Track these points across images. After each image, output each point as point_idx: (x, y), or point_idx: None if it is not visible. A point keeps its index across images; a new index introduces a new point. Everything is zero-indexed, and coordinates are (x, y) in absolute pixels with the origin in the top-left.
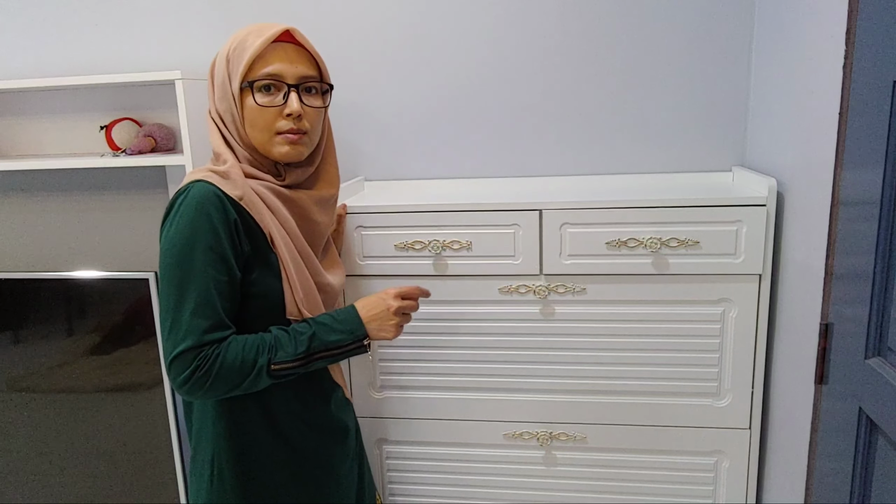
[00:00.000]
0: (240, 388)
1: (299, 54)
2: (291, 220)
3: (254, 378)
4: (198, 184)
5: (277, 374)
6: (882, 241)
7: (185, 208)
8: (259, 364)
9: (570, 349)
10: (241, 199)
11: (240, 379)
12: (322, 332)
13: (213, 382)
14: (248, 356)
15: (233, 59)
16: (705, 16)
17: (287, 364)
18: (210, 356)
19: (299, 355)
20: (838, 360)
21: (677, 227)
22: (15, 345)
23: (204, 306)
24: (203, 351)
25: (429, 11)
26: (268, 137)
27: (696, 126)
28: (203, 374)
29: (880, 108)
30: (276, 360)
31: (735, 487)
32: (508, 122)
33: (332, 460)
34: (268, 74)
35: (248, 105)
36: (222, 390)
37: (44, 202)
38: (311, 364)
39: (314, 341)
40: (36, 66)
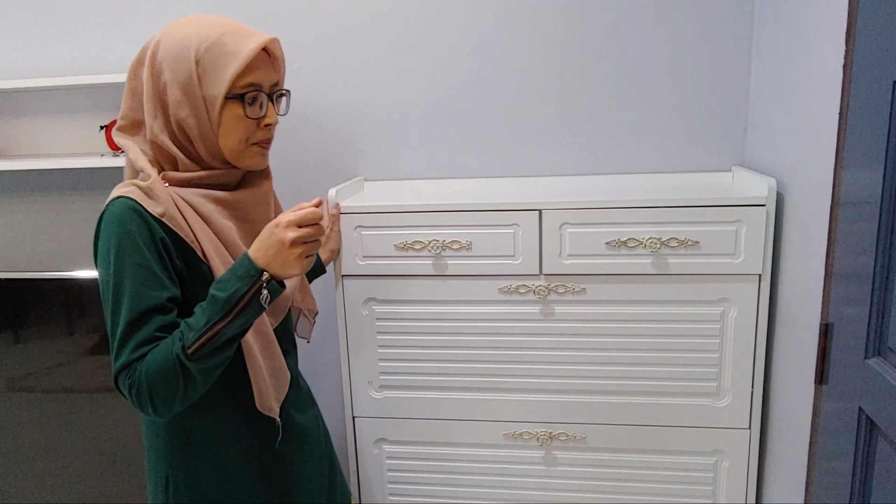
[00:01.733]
0: (182, 389)
1: (271, 62)
2: (229, 225)
3: (182, 372)
4: (118, 200)
5: (197, 355)
6: (882, 241)
7: (107, 227)
8: (175, 354)
9: (570, 349)
10: (163, 216)
11: (172, 379)
12: (218, 292)
13: (152, 394)
14: (164, 354)
15: (206, 60)
16: (705, 16)
17: (199, 340)
18: (135, 373)
19: (206, 326)
20: (838, 360)
21: (677, 227)
22: (15, 345)
23: (133, 325)
24: (130, 369)
25: (429, 11)
26: (243, 147)
27: (696, 126)
28: (137, 391)
29: (880, 108)
30: (188, 343)
31: (735, 487)
32: (508, 122)
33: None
34: (251, 85)
35: (230, 115)
36: (169, 398)
37: (44, 202)
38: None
39: (217, 303)
40: (36, 66)
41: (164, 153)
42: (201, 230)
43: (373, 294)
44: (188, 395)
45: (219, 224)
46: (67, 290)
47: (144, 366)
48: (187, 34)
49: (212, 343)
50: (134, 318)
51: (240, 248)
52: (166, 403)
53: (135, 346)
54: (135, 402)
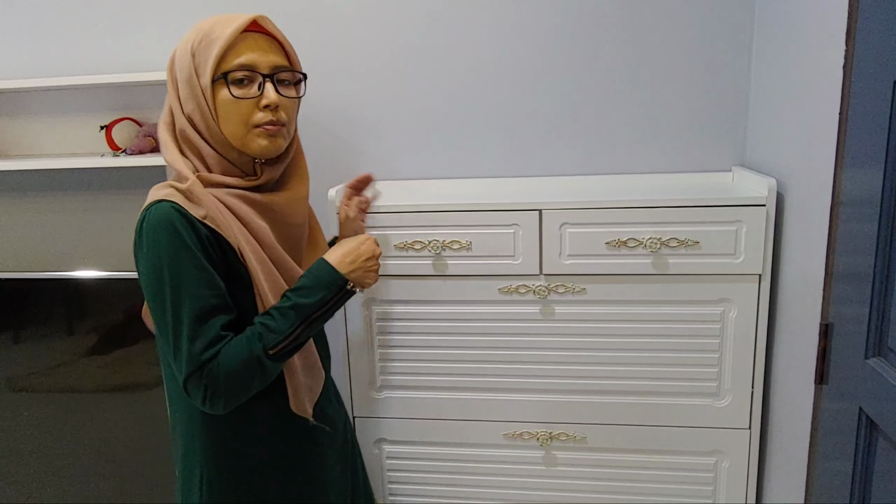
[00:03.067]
0: (257, 384)
1: (269, 43)
2: (265, 227)
3: (261, 370)
4: (160, 204)
5: (279, 355)
6: (882, 241)
7: (153, 231)
8: (256, 355)
9: (570, 349)
10: (205, 217)
11: (249, 377)
12: (305, 297)
13: (227, 393)
14: (243, 354)
15: (199, 52)
16: (705, 16)
17: (282, 343)
18: (212, 372)
19: (291, 329)
20: (838, 360)
21: (677, 227)
22: (15, 345)
23: (198, 327)
24: (204, 370)
25: (429, 12)
26: (244, 131)
27: (696, 126)
28: (214, 392)
29: (880, 108)
30: (270, 344)
31: (735, 487)
32: (508, 122)
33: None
34: (241, 65)
35: (222, 99)
36: (242, 395)
37: (44, 202)
38: (306, 331)
39: (301, 308)
40: (36, 66)
41: (192, 148)
42: (239, 231)
43: (373, 294)
44: (259, 388)
45: (255, 225)
46: (67, 290)
47: (223, 366)
48: (190, 32)
49: (293, 343)
50: (199, 320)
51: (276, 249)
52: (237, 399)
53: (203, 347)
54: (206, 400)
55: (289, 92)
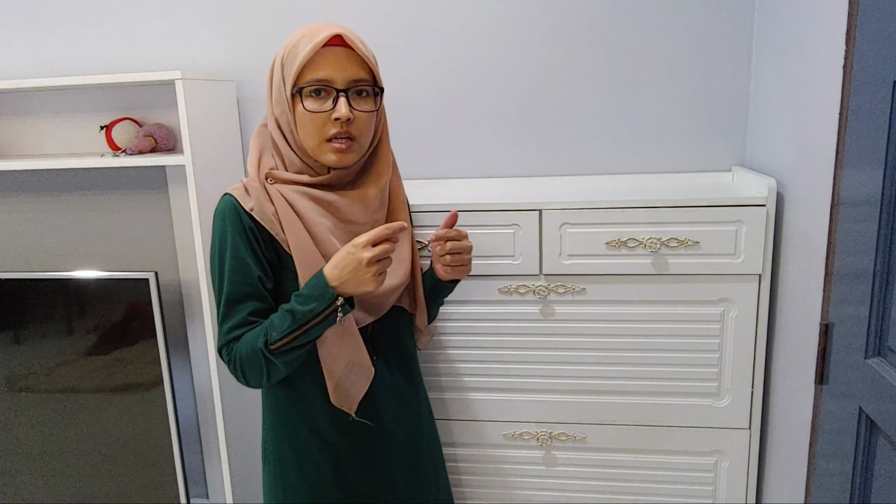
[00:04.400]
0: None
1: (349, 57)
2: (324, 224)
3: (266, 362)
4: (224, 197)
5: (278, 352)
6: (882, 241)
7: (214, 221)
8: (258, 348)
9: (570, 349)
10: (252, 210)
11: (258, 365)
12: (299, 304)
13: (244, 373)
14: (252, 343)
15: (286, 64)
16: (705, 16)
17: (280, 342)
18: (232, 353)
19: (287, 331)
20: (838, 360)
21: (677, 227)
22: (15, 345)
23: (229, 310)
24: (228, 348)
25: (428, 11)
26: (317, 143)
27: (696, 126)
28: (234, 368)
29: (880, 108)
30: (271, 341)
31: (735, 487)
32: (508, 122)
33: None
34: (316, 80)
35: (299, 111)
36: (257, 378)
37: (44, 202)
38: (301, 336)
39: (296, 315)
40: (36, 66)
41: (277, 149)
42: (290, 225)
43: None
44: (273, 377)
45: (313, 220)
46: (67, 290)
47: (238, 349)
48: (285, 42)
49: (290, 345)
50: (229, 305)
51: (332, 245)
52: (256, 381)
53: (229, 329)
54: (236, 375)
55: (364, 105)
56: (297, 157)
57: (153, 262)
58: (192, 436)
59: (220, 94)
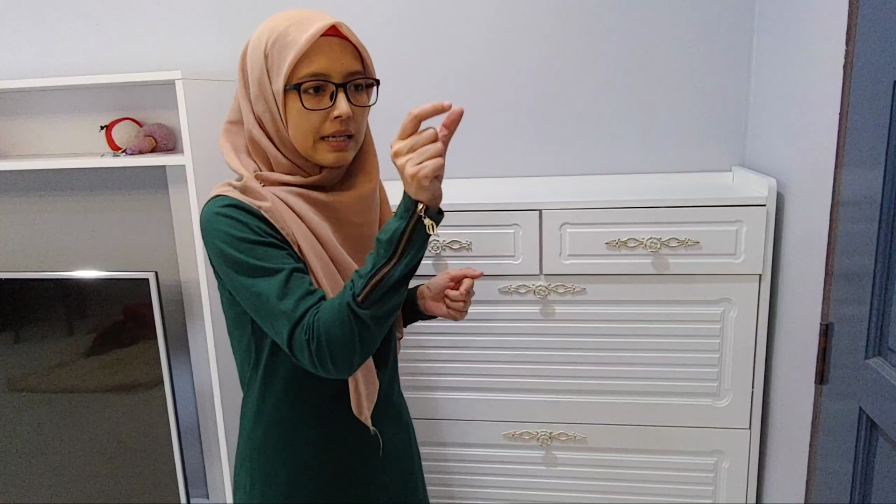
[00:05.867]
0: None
1: (344, 48)
2: (325, 225)
3: (356, 321)
4: (216, 198)
5: (368, 301)
6: (882, 241)
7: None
8: (346, 303)
9: (570, 349)
10: (262, 209)
11: (348, 329)
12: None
13: (331, 348)
14: (338, 305)
15: (273, 54)
16: (705, 16)
17: (368, 286)
18: (311, 325)
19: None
20: (838, 360)
21: (677, 227)
22: (15, 345)
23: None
24: (302, 325)
25: (428, 11)
26: (312, 142)
27: (696, 126)
28: (317, 345)
29: (880, 108)
30: (357, 291)
31: (735, 487)
32: (508, 122)
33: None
34: (314, 74)
35: (293, 108)
36: (348, 350)
37: (44, 202)
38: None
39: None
40: (36, 66)
41: (258, 149)
42: (297, 227)
43: None
44: (365, 345)
45: (313, 222)
46: (67, 290)
47: (321, 320)
48: (263, 30)
49: (380, 287)
50: (283, 281)
51: (336, 248)
52: (346, 355)
53: (296, 301)
54: (314, 358)
55: (360, 99)
56: (285, 157)
57: (153, 262)
58: (192, 436)
59: (220, 94)
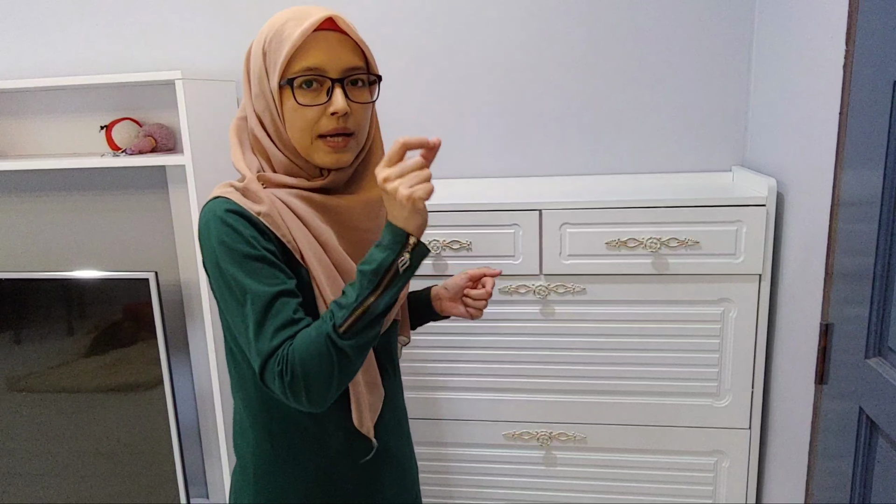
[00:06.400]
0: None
1: (342, 43)
2: (328, 229)
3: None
4: (215, 200)
5: (350, 332)
6: (882, 241)
7: (208, 226)
8: (326, 334)
9: (571, 349)
10: (260, 214)
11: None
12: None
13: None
14: (315, 336)
15: (270, 51)
16: (705, 16)
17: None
18: (286, 358)
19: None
20: (838, 360)
21: (677, 227)
22: (15, 345)
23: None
24: (277, 355)
25: (429, 13)
26: (309, 141)
27: (696, 126)
28: (291, 377)
29: (880, 108)
30: (339, 321)
31: (735, 487)
32: (508, 122)
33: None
34: (308, 69)
35: (288, 104)
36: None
37: (44, 202)
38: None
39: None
40: (36, 66)
41: (260, 147)
42: (299, 231)
43: None
44: (343, 376)
45: (316, 226)
46: (67, 290)
47: (296, 351)
48: (264, 27)
49: (364, 319)
50: (264, 306)
51: (339, 253)
52: (321, 388)
53: (273, 331)
54: (287, 390)
55: (361, 96)
56: (286, 157)
57: (153, 262)
58: (192, 436)
59: (220, 94)
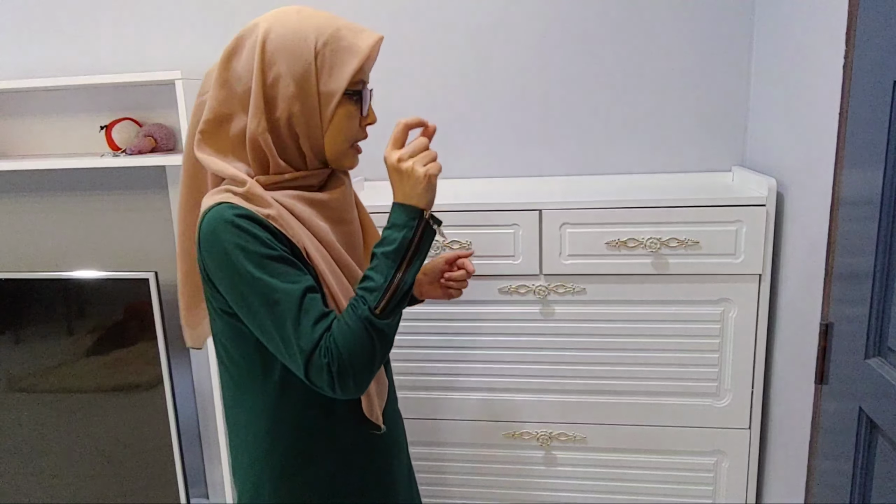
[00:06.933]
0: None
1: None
2: (325, 227)
3: (377, 333)
4: (219, 207)
5: (386, 310)
6: (882, 241)
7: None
8: (364, 317)
9: (570, 349)
10: (269, 216)
11: (368, 344)
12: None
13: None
14: (353, 322)
15: (327, 55)
16: (705, 16)
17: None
18: (330, 350)
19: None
20: (838, 360)
21: (677, 227)
22: (15, 345)
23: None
24: (320, 349)
25: (429, 12)
26: (346, 148)
27: (696, 126)
28: (339, 369)
29: (880, 108)
30: (374, 304)
31: (735, 487)
32: (508, 122)
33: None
34: (362, 81)
35: (342, 113)
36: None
37: (44, 202)
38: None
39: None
40: (36, 66)
41: (258, 151)
42: (302, 231)
43: None
44: (382, 355)
45: (316, 226)
46: (67, 290)
47: (337, 341)
48: (301, 26)
49: (396, 296)
50: (297, 303)
51: (337, 249)
52: (367, 371)
53: (312, 326)
54: (335, 380)
55: None
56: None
57: (153, 262)
58: (192, 436)
59: None
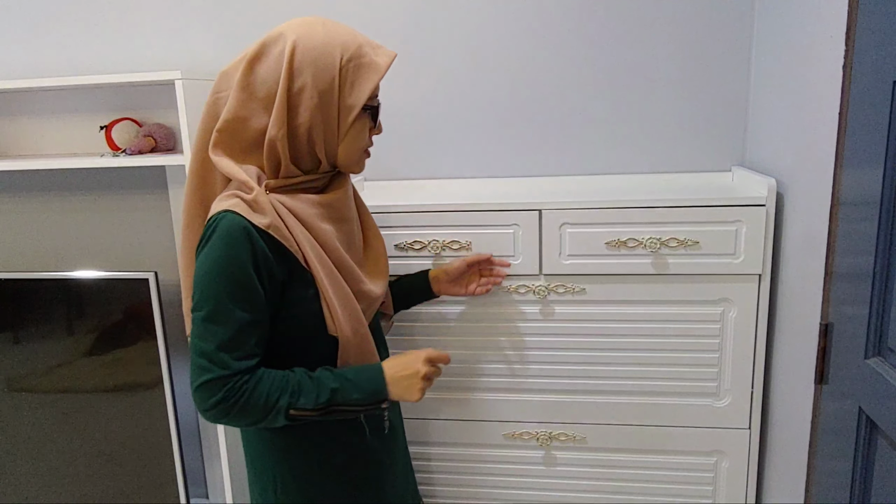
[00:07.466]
0: (256, 423)
1: None
2: (330, 229)
3: (272, 417)
4: (227, 216)
5: (294, 418)
6: (882, 241)
7: (215, 241)
8: (280, 405)
9: (570, 349)
10: (268, 227)
11: (261, 415)
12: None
13: (237, 413)
14: (273, 395)
15: (349, 70)
16: (705, 16)
17: (306, 412)
18: (239, 388)
19: (319, 406)
20: (838, 360)
21: (677, 227)
22: (15, 345)
23: (231, 340)
24: (231, 382)
25: (429, 11)
26: (359, 156)
27: (696, 126)
28: (230, 405)
29: (880, 108)
30: (297, 406)
31: (735, 487)
32: (508, 122)
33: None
34: (377, 97)
35: (359, 125)
36: (242, 422)
37: (44, 202)
38: (328, 416)
39: (336, 395)
40: (36, 66)
41: (274, 155)
42: (303, 236)
43: None
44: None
45: (319, 229)
46: (67, 290)
47: (250, 392)
48: (328, 41)
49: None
50: (229, 335)
51: (338, 252)
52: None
53: (238, 357)
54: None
55: None
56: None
57: (153, 262)
58: (192, 436)
59: None
